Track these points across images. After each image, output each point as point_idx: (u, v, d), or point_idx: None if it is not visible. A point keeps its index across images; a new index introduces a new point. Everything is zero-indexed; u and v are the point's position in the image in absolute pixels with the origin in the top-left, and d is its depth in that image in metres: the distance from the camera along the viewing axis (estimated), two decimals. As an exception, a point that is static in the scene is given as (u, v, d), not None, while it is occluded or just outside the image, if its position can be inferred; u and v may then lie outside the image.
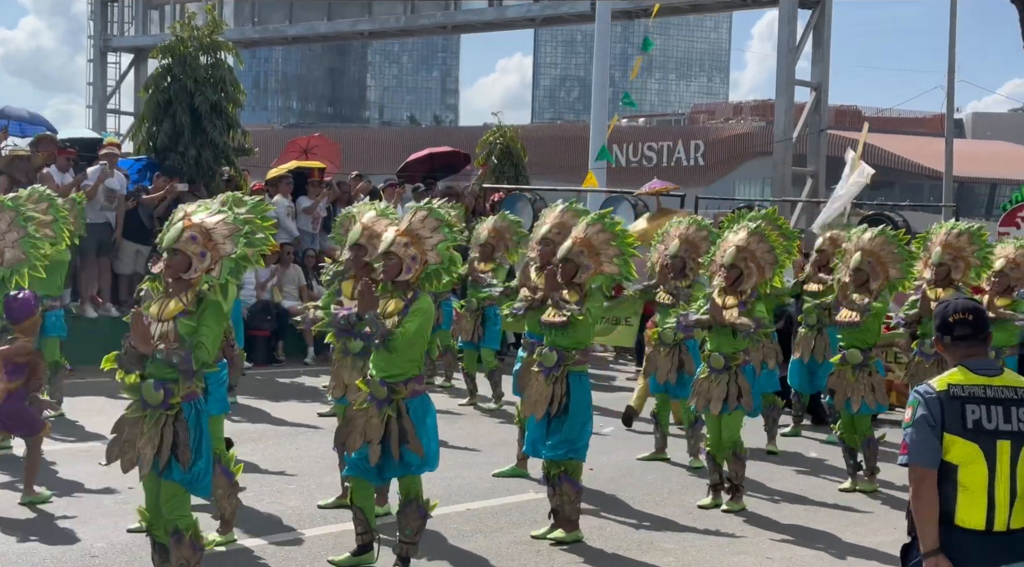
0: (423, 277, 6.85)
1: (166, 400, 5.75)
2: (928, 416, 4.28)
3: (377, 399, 6.68)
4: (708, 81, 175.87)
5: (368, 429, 6.67)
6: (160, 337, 5.77)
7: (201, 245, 5.82)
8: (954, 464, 4.26)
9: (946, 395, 4.29)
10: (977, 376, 4.33)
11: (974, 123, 68.04)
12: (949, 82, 27.82)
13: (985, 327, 4.48)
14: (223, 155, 15.55)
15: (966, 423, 4.25)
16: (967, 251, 10.02)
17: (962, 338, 4.43)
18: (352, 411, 6.86)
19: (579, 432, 7.68)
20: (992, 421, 4.25)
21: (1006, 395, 4.28)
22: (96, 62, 35.57)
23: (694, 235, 10.28)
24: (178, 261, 5.83)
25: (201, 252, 5.82)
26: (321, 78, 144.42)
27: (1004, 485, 4.23)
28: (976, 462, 4.24)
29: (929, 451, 4.27)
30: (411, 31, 33.53)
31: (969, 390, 4.30)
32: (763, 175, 48.66)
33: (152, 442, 5.74)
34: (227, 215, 5.96)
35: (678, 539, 7.95)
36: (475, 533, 7.85)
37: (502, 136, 20.90)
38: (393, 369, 6.69)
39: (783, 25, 25.46)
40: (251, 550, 7.24)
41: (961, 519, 4.25)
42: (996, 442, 4.24)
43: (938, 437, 4.26)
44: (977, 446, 4.23)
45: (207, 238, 5.85)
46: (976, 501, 4.23)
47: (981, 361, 4.41)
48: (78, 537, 7.33)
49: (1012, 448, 4.24)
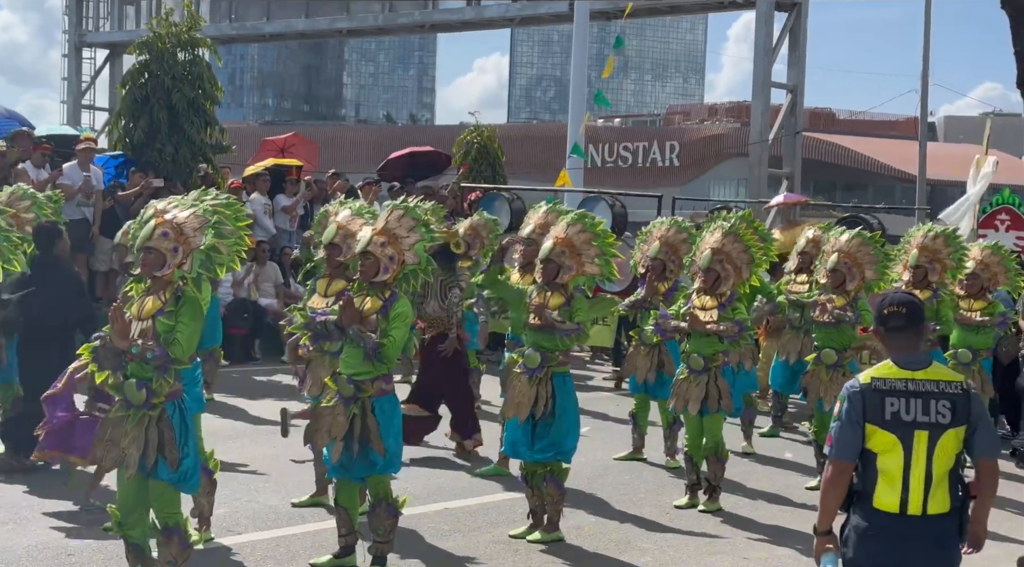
0: (400, 277, 6.84)
1: (148, 400, 5.73)
2: (851, 410, 4.59)
3: (344, 397, 6.68)
4: (684, 82, 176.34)
5: (333, 426, 6.67)
6: (139, 335, 5.75)
7: (173, 240, 5.81)
8: (874, 452, 4.57)
9: (868, 388, 4.58)
10: (902, 370, 4.60)
11: (946, 126, 68.47)
12: (923, 86, 28.00)
13: (918, 320, 4.68)
14: (200, 152, 15.50)
15: (885, 414, 4.54)
16: (943, 253, 10.16)
17: (896, 329, 4.66)
18: (320, 408, 6.85)
19: (567, 434, 7.69)
20: (910, 413, 4.53)
21: (927, 389, 4.55)
22: (71, 57, 35.27)
23: (674, 237, 10.31)
24: (152, 259, 5.82)
25: (173, 247, 5.81)
26: (297, 75, 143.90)
27: (919, 472, 4.52)
28: (893, 451, 4.54)
29: (849, 445, 4.59)
30: (389, 30, 33.42)
31: (891, 384, 4.58)
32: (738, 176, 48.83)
33: (137, 442, 5.72)
34: (197, 208, 5.95)
35: (656, 539, 7.98)
36: (453, 532, 7.85)
37: (479, 136, 20.90)
38: (361, 367, 6.69)
39: (760, 27, 25.52)
40: (229, 548, 7.24)
41: (878, 502, 4.57)
42: (914, 432, 4.53)
43: (860, 429, 4.57)
44: (895, 436, 4.53)
45: (179, 233, 5.84)
46: (892, 486, 4.54)
47: (909, 355, 4.64)
48: (54, 536, 7.29)
49: (929, 438, 4.52)
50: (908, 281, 9.98)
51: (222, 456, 7.88)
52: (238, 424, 11.14)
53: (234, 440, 10.23)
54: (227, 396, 12.29)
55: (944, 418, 4.54)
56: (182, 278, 5.82)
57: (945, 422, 4.54)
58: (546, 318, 7.53)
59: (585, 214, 8.19)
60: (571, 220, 8.02)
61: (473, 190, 18.12)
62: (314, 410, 7.00)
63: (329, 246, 7.91)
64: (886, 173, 53.71)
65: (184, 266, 5.82)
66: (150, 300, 5.82)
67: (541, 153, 49.10)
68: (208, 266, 5.91)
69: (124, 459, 5.75)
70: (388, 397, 6.76)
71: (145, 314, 5.79)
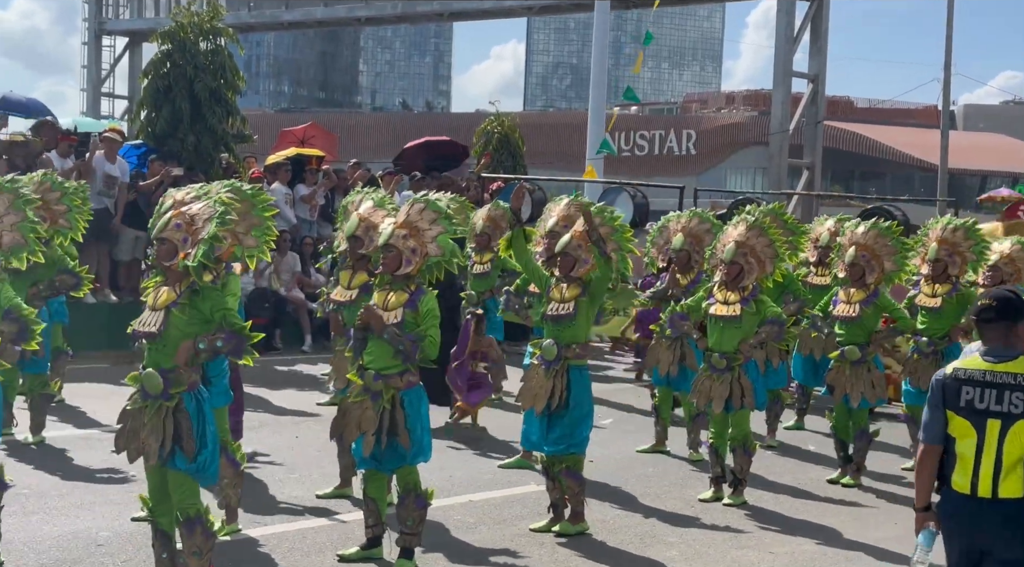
0: (423, 270, 6.85)
1: (166, 390, 5.76)
2: (932, 396, 4.98)
3: (372, 391, 6.70)
4: (701, 70, 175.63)
5: (363, 421, 6.70)
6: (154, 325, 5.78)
7: (184, 231, 5.84)
8: (953, 436, 4.92)
9: (949, 377, 4.94)
10: (984, 361, 4.90)
11: (966, 115, 68.08)
12: (945, 76, 27.86)
13: (1008, 315, 4.93)
14: (222, 142, 15.51)
15: (960, 402, 4.88)
16: (963, 246, 10.04)
17: (985, 322, 4.98)
18: (347, 403, 6.87)
19: (578, 426, 7.69)
20: (984, 402, 4.84)
21: (1003, 380, 4.84)
22: (91, 45, 35.41)
23: (697, 227, 10.28)
24: (165, 249, 5.85)
25: (184, 238, 5.84)
26: (313, 62, 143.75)
27: (990, 458, 4.82)
28: (968, 436, 4.86)
29: (931, 429, 4.97)
30: (407, 17, 33.45)
31: (969, 374, 4.90)
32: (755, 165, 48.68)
33: (156, 433, 5.75)
34: (209, 199, 5.96)
35: (681, 533, 7.98)
36: (478, 525, 7.86)
37: (500, 125, 20.85)
38: (388, 361, 6.71)
39: (781, 16, 25.45)
40: (256, 539, 7.26)
41: (955, 483, 4.90)
42: (986, 420, 4.83)
43: (941, 414, 4.93)
44: (969, 422, 4.86)
45: (190, 224, 5.86)
46: (965, 469, 4.86)
47: (995, 347, 4.93)
48: (83, 525, 7.33)
49: (1001, 427, 4.81)
50: (928, 275, 9.91)
51: (245, 446, 7.90)
52: (260, 414, 11.17)
53: (256, 430, 10.24)
54: (248, 386, 12.21)
55: (1016, 409, 4.80)
56: (184, 267, 5.82)
57: (1017, 412, 4.80)
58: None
59: (604, 208, 8.17)
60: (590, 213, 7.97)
61: (494, 180, 18.10)
62: (340, 404, 7.01)
63: (351, 238, 7.90)
64: (904, 162, 53.44)
65: (189, 257, 5.83)
66: (165, 291, 5.85)
67: (559, 141, 49.00)
68: (210, 255, 5.87)
69: (144, 450, 5.78)
70: (415, 389, 6.79)
71: (159, 304, 5.82)
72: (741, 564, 7.35)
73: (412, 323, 6.71)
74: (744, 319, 8.60)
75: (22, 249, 6.91)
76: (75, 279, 9.36)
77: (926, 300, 9.93)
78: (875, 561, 7.57)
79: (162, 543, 5.99)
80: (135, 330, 5.88)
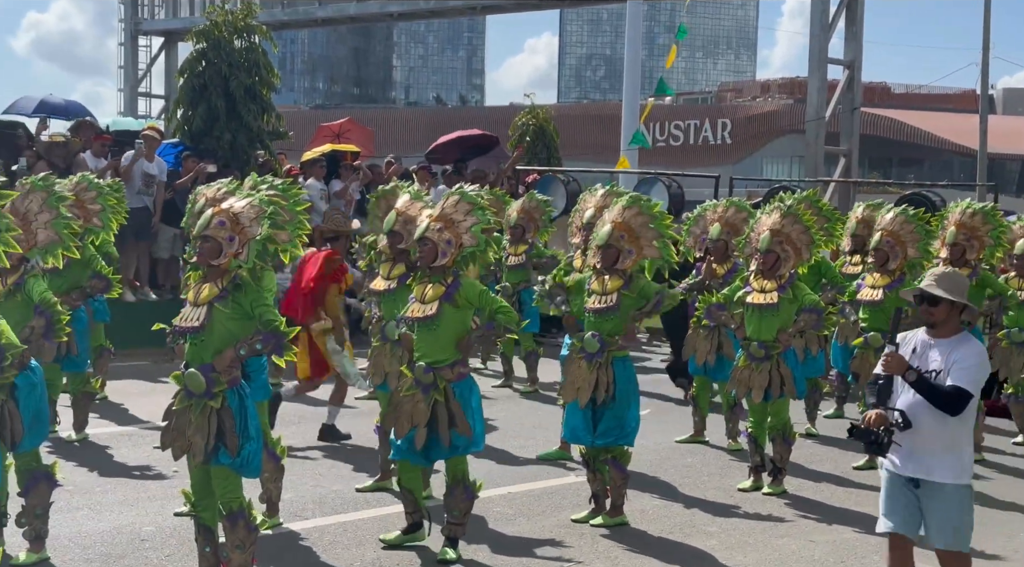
0: (459, 260, 6.88)
1: (209, 389, 5.81)
2: None
3: (423, 385, 6.74)
4: (735, 59, 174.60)
5: (415, 414, 6.75)
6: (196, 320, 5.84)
7: (229, 230, 5.85)
8: None
9: None
10: None
11: (1005, 98, 67.34)
12: (984, 59, 27.54)
13: None
14: (258, 139, 15.60)
15: None
16: (981, 231, 9.96)
17: None
18: (398, 397, 6.92)
19: (625, 417, 7.68)
20: None
21: None
22: (127, 45, 35.69)
23: (734, 217, 10.23)
24: (209, 247, 5.86)
25: (229, 237, 5.84)
26: (347, 59, 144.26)
27: None
28: None
29: None
30: (440, 12, 33.50)
31: None
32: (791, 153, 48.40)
33: (201, 431, 5.80)
34: (253, 198, 5.99)
35: (721, 523, 7.96)
36: (518, 516, 7.88)
37: (535, 117, 20.83)
38: (438, 354, 6.76)
39: (816, 2, 25.26)
40: (297, 533, 7.31)
41: None
42: None
43: None
44: None
45: (235, 222, 5.87)
46: None
47: None
48: (127, 521, 7.41)
49: None
50: (946, 258, 9.84)
51: (285, 441, 7.94)
52: (299, 408, 11.22)
53: (296, 425, 10.32)
54: (285, 381, 12.36)
55: None
56: (239, 267, 5.87)
57: None
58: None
59: (639, 197, 8.11)
60: (627, 203, 7.92)
61: (529, 173, 18.10)
62: (391, 398, 7.04)
63: (390, 233, 7.92)
64: (943, 147, 52.97)
65: (241, 256, 5.87)
66: (207, 287, 5.89)
67: (594, 133, 48.95)
68: (264, 256, 5.95)
69: (190, 448, 5.84)
70: (467, 379, 6.87)
71: (201, 300, 5.86)
72: (782, 553, 7.33)
73: (451, 315, 6.75)
74: (781, 307, 8.55)
75: (57, 246, 6.98)
76: (104, 283, 9.36)
77: None
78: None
79: (205, 537, 6.05)
80: (176, 326, 5.93)
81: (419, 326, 6.86)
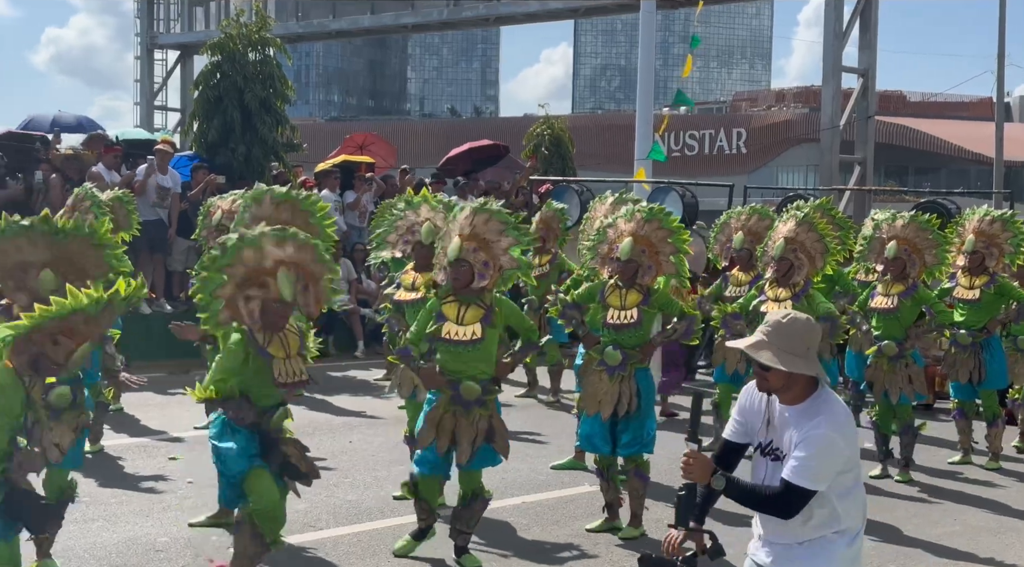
0: (499, 282, 6.87)
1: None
2: None
3: (468, 401, 6.77)
4: (750, 68, 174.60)
5: (460, 429, 6.79)
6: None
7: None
8: None
9: None
10: None
11: (1021, 106, 67.10)
12: (999, 67, 27.47)
13: None
14: (272, 151, 15.67)
15: None
16: (1000, 238, 9.91)
17: None
18: (438, 413, 6.85)
19: (645, 426, 7.65)
20: None
21: None
22: (143, 59, 35.91)
23: (756, 225, 10.16)
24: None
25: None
26: (362, 71, 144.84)
27: None
28: None
29: None
30: (453, 24, 33.60)
31: None
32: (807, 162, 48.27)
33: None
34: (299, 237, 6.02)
35: (739, 533, 7.88)
36: (532, 526, 7.86)
37: (549, 128, 20.85)
38: (481, 371, 6.82)
39: (829, 11, 25.25)
40: (310, 544, 7.30)
41: None
42: None
43: None
44: None
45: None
46: None
47: None
48: (141, 532, 7.42)
49: None
50: (964, 267, 9.78)
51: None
52: (313, 417, 11.24)
53: (310, 436, 10.30)
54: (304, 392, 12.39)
55: None
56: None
57: None
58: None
59: (658, 210, 7.99)
60: (646, 216, 7.77)
61: (543, 183, 18.11)
62: (428, 415, 6.92)
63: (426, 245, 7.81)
64: (959, 155, 52.78)
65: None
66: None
67: (609, 143, 48.96)
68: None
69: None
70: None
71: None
72: (797, 562, 7.27)
73: (491, 335, 6.79)
74: (795, 316, 8.49)
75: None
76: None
77: (964, 292, 9.82)
78: (935, 558, 7.47)
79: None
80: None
81: (461, 347, 6.79)
